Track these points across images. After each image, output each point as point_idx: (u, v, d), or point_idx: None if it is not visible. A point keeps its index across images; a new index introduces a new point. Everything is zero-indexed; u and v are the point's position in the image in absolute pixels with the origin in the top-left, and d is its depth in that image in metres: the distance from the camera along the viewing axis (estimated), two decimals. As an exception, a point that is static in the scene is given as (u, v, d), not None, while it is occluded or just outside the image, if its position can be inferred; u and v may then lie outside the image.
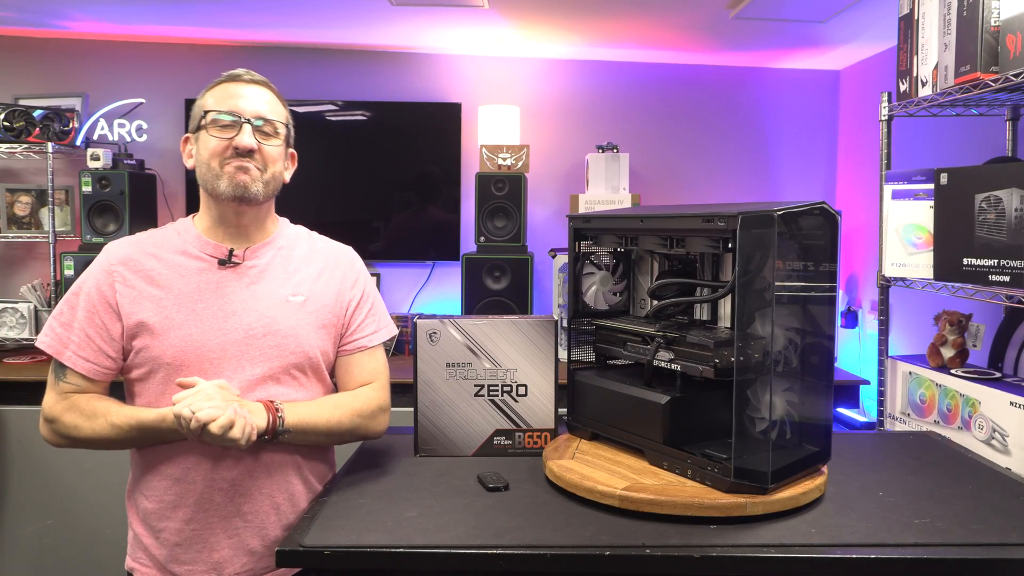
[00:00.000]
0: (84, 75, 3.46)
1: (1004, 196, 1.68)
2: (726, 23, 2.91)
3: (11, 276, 3.43)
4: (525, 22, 3.01)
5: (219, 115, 1.38)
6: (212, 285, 1.39)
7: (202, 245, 1.42)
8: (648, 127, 3.60)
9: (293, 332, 1.40)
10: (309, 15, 2.99)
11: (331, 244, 1.56)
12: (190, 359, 1.35)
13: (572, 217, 1.51)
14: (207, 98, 1.42)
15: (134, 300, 1.36)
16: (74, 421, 1.34)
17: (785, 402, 1.23)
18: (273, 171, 1.42)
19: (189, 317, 1.36)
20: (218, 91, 1.42)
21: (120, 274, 1.38)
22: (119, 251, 1.41)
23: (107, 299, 1.37)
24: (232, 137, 1.37)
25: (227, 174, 1.37)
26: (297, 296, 1.43)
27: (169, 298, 1.37)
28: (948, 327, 2.05)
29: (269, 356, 1.38)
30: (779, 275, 1.17)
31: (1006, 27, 1.66)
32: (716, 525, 1.15)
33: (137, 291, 1.37)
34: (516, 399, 1.51)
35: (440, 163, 3.48)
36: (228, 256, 1.41)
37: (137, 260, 1.40)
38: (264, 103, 1.43)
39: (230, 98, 1.40)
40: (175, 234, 1.45)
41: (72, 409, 1.35)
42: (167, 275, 1.39)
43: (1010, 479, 1.37)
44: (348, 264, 1.53)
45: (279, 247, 1.47)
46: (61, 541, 2.85)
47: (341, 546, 1.11)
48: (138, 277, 1.38)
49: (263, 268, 1.43)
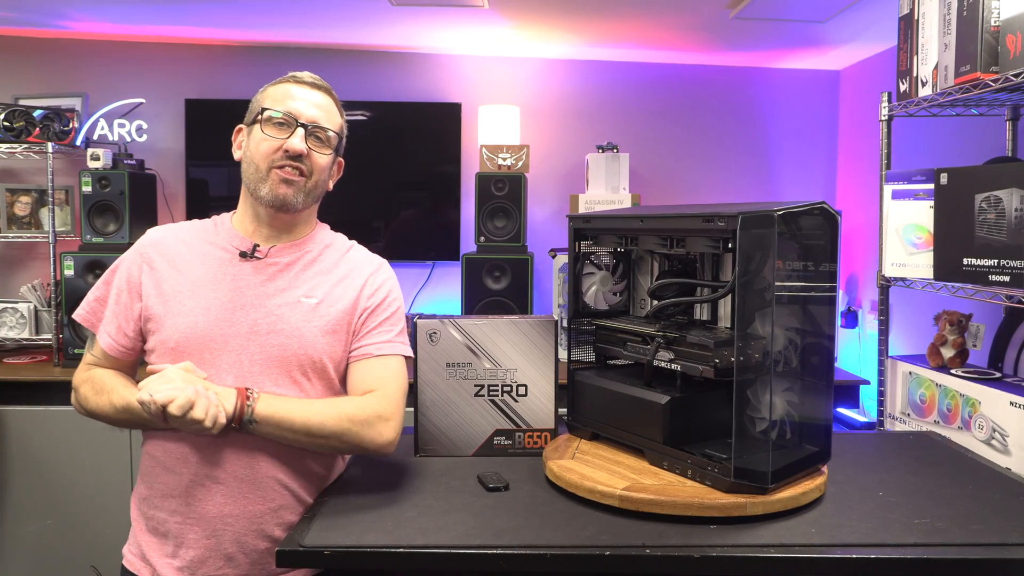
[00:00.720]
0: (84, 75, 3.45)
1: (1004, 196, 1.68)
2: (726, 23, 2.91)
3: (11, 276, 3.43)
4: (525, 22, 3.01)
5: (275, 114, 1.39)
6: (228, 277, 1.39)
7: (231, 237, 1.43)
8: (648, 127, 3.60)
9: (298, 333, 1.37)
10: (309, 15, 2.99)
11: (363, 254, 1.52)
12: (192, 346, 1.34)
13: (572, 217, 1.51)
14: (266, 94, 1.43)
15: (154, 283, 1.38)
16: (86, 393, 1.38)
17: (785, 402, 1.23)
18: (318, 179, 1.42)
19: (199, 305, 1.36)
20: (279, 90, 1.43)
21: (149, 256, 1.41)
22: (155, 234, 1.45)
23: (133, 280, 1.40)
24: (284, 139, 1.38)
25: (271, 181, 1.38)
26: (311, 298, 1.40)
27: (185, 284, 1.38)
28: (948, 327, 2.05)
29: (270, 354, 1.35)
30: (779, 275, 1.17)
31: (1006, 27, 1.66)
32: (716, 525, 1.14)
33: (159, 274, 1.39)
34: (516, 399, 1.51)
35: (440, 163, 3.48)
36: (251, 250, 1.41)
37: (167, 245, 1.42)
38: (322, 109, 1.43)
39: (289, 99, 1.41)
40: (212, 225, 1.47)
41: (88, 381, 1.39)
42: (190, 261, 1.40)
43: (1010, 479, 1.37)
44: (374, 273, 1.48)
45: (306, 250, 1.45)
46: (61, 541, 2.85)
47: (341, 546, 1.11)
48: (164, 260, 1.40)
49: (283, 267, 1.42)
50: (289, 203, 1.39)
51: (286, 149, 1.37)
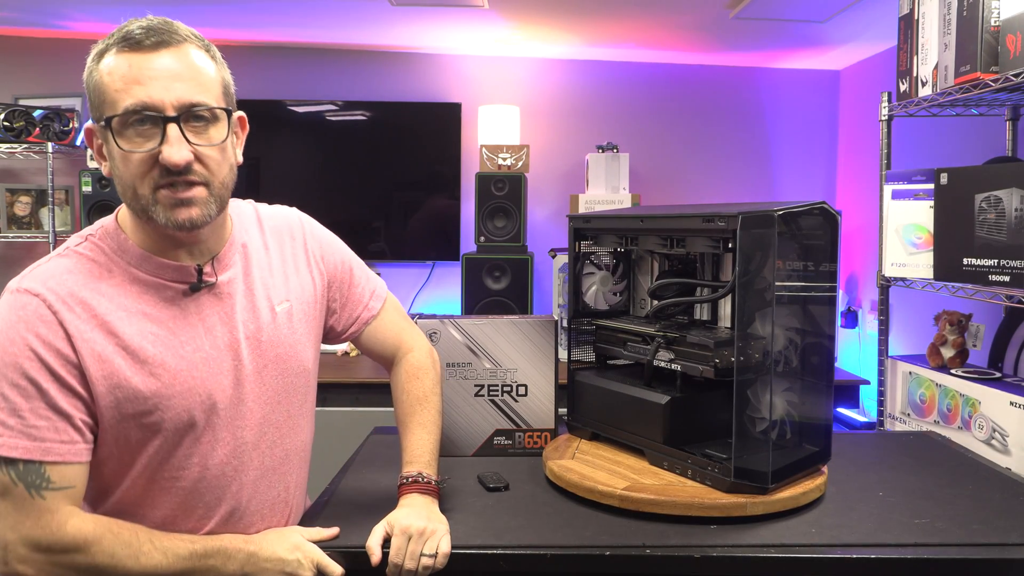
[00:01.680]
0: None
1: (1004, 196, 1.68)
2: (726, 23, 2.91)
3: (11, 276, 3.41)
4: (525, 22, 3.01)
5: (126, 114, 0.98)
6: (192, 319, 1.07)
7: (157, 267, 1.06)
8: (648, 127, 3.60)
9: (294, 350, 1.17)
10: (309, 15, 2.99)
11: (275, 215, 1.25)
12: (216, 419, 1.07)
13: (572, 217, 1.51)
14: (103, 78, 0.99)
15: (97, 359, 1.00)
16: (120, 553, 1.00)
17: (785, 402, 1.23)
18: (223, 178, 1.05)
19: (181, 370, 1.04)
20: (117, 68, 0.99)
21: (66, 323, 0.99)
22: (48, 291, 1.00)
23: (58, 366, 0.98)
24: (154, 149, 0.98)
25: (162, 205, 1.00)
26: (283, 303, 1.17)
27: (148, 343, 1.03)
28: (948, 327, 2.05)
29: (278, 385, 1.15)
30: (779, 275, 1.17)
31: (1006, 27, 1.66)
32: (716, 525, 1.14)
33: (95, 345, 1.00)
34: (516, 399, 1.51)
35: (440, 163, 3.48)
36: (198, 279, 1.08)
37: (80, 298, 1.01)
38: (186, 78, 1.00)
39: (136, 83, 0.98)
40: (104, 255, 1.06)
41: (105, 535, 0.99)
42: (122, 316, 1.02)
43: (1010, 479, 1.37)
44: (303, 239, 1.25)
45: (241, 243, 1.16)
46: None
47: (341, 546, 1.11)
48: (88, 324, 1.00)
49: (238, 279, 1.13)
50: (198, 224, 1.03)
51: (162, 163, 0.98)
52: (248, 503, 1.13)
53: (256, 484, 1.14)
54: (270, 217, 1.24)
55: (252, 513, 1.14)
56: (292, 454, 1.20)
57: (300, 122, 3.44)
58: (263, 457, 1.14)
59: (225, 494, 1.11)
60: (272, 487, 1.16)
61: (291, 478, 1.20)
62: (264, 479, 1.15)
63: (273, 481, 1.16)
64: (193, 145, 1.00)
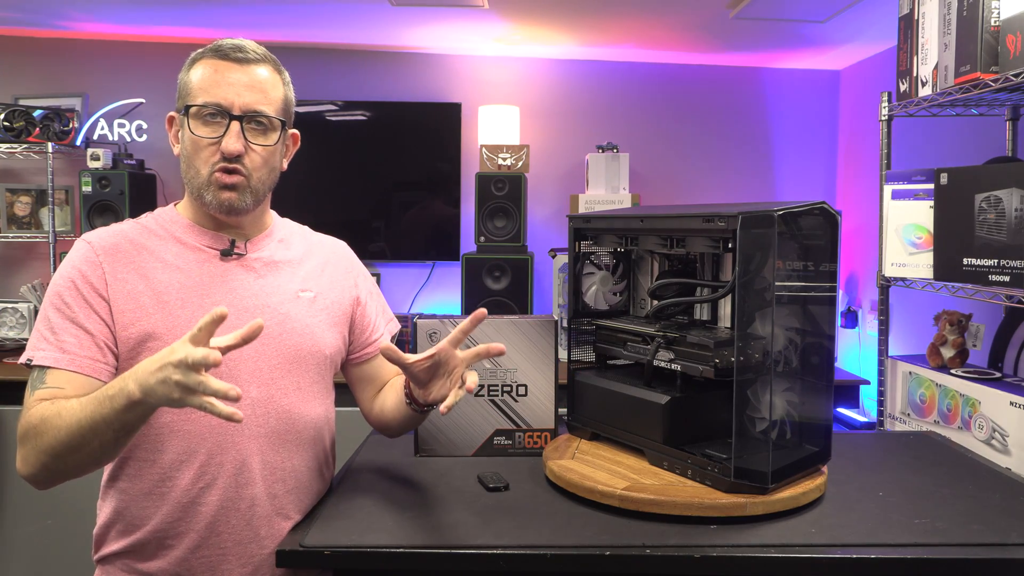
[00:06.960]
0: (84, 75, 3.45)
1: (1004, 196, 1.68)
2: (726, 23, 2.91)
3: (11, 276, 3.42)
4: (525, 22, 3.01)
5: (202, 106, 1.22)
6: (218, 279, 1.25)
7: (198, 235, 1.28)
8: (648, 127, 3.60)
9: (308, 330, 1.30)
10: (309, 15, 2.99)
11: (325, 239, 1.46)
12: None
13: (572, 217, 1.51)
14: (191, 76, 1.24)
15: (129, 296, 1.20)
16: (45, 426, 1.14)
17: (785, 402, 1.23)
18: (261, 176, 1.26)
19: (199, 314, 1.19)
20: (204, 70, 1.23)
21: (106, 267, 1.21)
22: (100, 241, 1.24)
23: (94, 298, 1.20)
24: (218, 138, 1.21)
25: (213, 185, 1.23)
26: (307, 292, 1.32)
27: (170, 293, 1.21)
28: (948, 327, 2.05)
29: (287, 355, 1.27)
30: (779, 275, 1.17)
31: (1006, 27, 1.66)
32: (716, 525, 1.14)
33: (129, 286, 1.21)
34: (516, 399, 1.51)
35: (440, 163, 3.48)
36: (230, 247, 1.28)
37: (123, 251, 1.23)
38: (258, 92, 1.24)
39: (217, 86, 1.22)
40: (158, 223, 1.29)
41: (47, 414, 1.14)
42: (159, 267, 1.23)
43: (1010, 479, 1.37)
44: (347, 260, 1.45)
45: (279, 239, 1.36)
46: (61, 541, 2.85)
47: (341, 546, 1.11)
48: (128, 269, 1.22)
49: (268, 261, 1.31)
50: (236, 208, 1.24)
51: (221, 150, 1.21)
52: (252, 464, 1.23)
53: (263, 448, 1.24)
54: (317, 235, 1.45)
55: (258, 480, 1.23)
56: (302, 427, 1.29)
57: (300, 122, 3.41)
58: (268, 418, 1.25)
59: (227, 446, 1.21)
60: (278, 453, 1.26)
61: (301, 455, 1.29)
62: (271, 445, 1.25)
63: (280, 448, 1.26)
64: (247, 142, 1.23)
